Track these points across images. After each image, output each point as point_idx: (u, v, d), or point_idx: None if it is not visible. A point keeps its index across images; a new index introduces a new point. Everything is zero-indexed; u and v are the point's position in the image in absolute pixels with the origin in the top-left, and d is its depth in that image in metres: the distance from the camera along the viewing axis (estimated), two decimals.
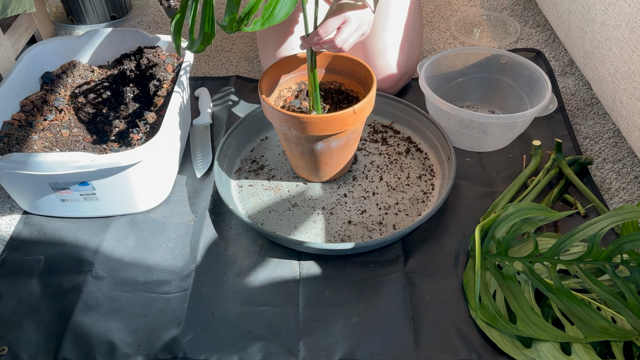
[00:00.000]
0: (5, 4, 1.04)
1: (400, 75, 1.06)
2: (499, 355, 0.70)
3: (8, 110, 0.91)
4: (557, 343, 0.67)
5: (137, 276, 0.81)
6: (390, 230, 0.85)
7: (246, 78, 1.19)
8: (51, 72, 1.01)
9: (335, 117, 0.78)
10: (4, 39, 1.14)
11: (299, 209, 0.89)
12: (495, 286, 0.75)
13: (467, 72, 1.07)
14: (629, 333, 0.66)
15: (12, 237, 0.88)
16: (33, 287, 0.80)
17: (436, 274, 0.80)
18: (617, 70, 0.93)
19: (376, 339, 0.72)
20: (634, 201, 0.89)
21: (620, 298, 0.67)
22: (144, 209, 0.90)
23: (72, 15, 1.39)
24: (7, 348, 0.73)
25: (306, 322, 0.74)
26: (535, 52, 1.21)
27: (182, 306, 0.77)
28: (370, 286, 0.78)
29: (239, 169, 0.97)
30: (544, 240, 0.78)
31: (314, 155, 0.85)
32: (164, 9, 0.91)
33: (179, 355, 0.71)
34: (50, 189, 0.83)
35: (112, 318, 0.76)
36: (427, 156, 0.97)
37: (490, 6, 1.41)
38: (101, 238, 0.86)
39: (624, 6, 0.90)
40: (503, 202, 0.86)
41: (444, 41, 1.30)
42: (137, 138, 0.89)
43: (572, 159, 0.93)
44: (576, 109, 1.07)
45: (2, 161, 0.77)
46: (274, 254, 0.83)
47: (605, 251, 0.67)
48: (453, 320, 0.74)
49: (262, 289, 0.79)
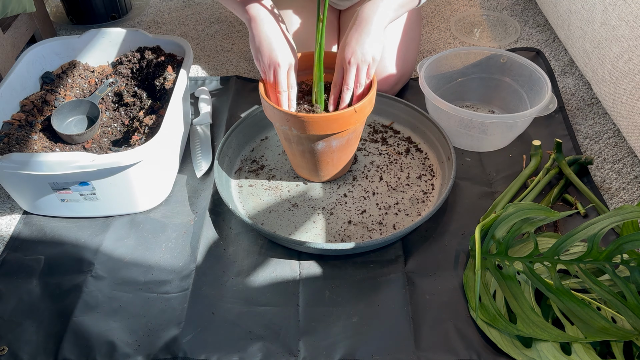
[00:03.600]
0: (5, 4, 1.04)
1: (398, 77, 1.06)
2: (499, 355, 0.70)
3: (8, 110, 0.91)
4: (557, 343, 0.67)
5: (137, 276, 0.81)
6: (390, 230, 0.85)
7: (246, 78, 1.19)
8: (51, 72, 1.01)
9: (336, 116, 0.78)
10: (4, 39, 1.14)
11: (299, 209, 0.89)
12: (495, 286, 0.75)
13: (467, 72, 1.07)
14: (629, 333, 0.66)
15: (12, 237, 0.88)
16: (33, 287, 0.80)
17: (436, 274, 0.80)
18: (617, 70, 0.93)
19: (376, 339, 0.72)
20: (634, 201, 0.89)
21: (620, 298, 0.67)
22: (144, 209, 0.90)
23: (72, 15, 1.39)
24: (7, 348, 0.73)
25: (306, 322, 0.74)
26: (535, 52, 1.21)
27: (182, 306, 0.77)
28: (370, 286, 0.78)
29: (239, 169, 0.97)
30: (544, 240, 0.78)
31: (315, 154, 0.85)
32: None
33: (179, 355, 0.71)
34: (50, 189, 0.83)
35: (112, 318, 0.76)
36: (427, 156, 0.97)
37: (490, 6, 1.41)
38: (101, 238, 0.86)
39: (624, 6, 0.90)
40: (503, 202, 0.86)
41: (444, 41, 1.30)
42: (137, 138, 0.89)
43: (572, 159, 0.93)
44: (576, 109, 1.08)
45: (2, 161, 0.77)
46: (274, 254, 0.83)
47: (605, 251, 0.67)
48: (453, 320, 0.74)
49: (262, 289, 0.79)
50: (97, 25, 1.40)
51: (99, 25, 1.40)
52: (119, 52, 1.06)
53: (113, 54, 1.06)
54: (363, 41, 0.76)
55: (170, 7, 1.48)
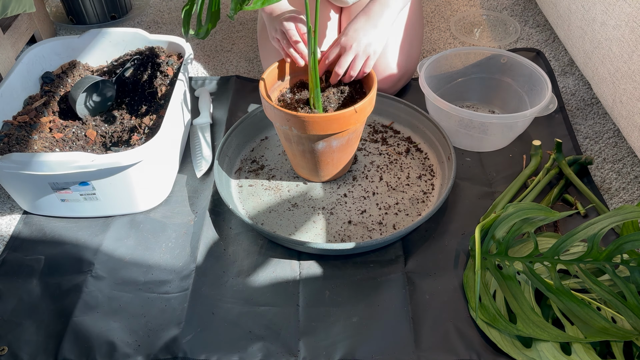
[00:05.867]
0: (5, 4, 1.04)
1: (400, 75, 1.06)
2: (499, 355, 0.70)
3: (8, 110, 0.91)
4: (557, 343, 0.67)
5: (137, 276, 0.81)
6: (390, 230, 0.85)
7: (246, 78, 1.19)
8: (51, 72, 1.01)
9: (336, 116, 0.78)
10: (4, 39, 1.14)
11: (299, 209, 0.89)
12: (495, 286, 0.75)
13: (467, 72, 1.07)
14: (629, 333, 0.66)
15: (12, 237, 0.88)
16: (33, 287, 0.80)
17: (436, 274, 0.80)
18: (617, 70, 0.93)
19: (376, 339, 0.72)
20: (634, 201, 0.89)
21: (620, 298, 0.67)
22: (144, 209, 0.90)
23: (72, 15, 1.39)
24: (7, 348, 0.73)
25: (306, 322, 0.74)
26: (535, 52, 1.21)
27: (182, 306, 0.77)
28: (370, 286, 0.78)
29: (239, 169, 0.97)
30: (544, 240, 0.78)
31: (315, 154, 0.85)
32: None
33: (179, 355, 0.71)
34: (50, 189, 0.83)
35: (112, 318, 0.76)
36: (427, 156, 0.97)
37: (490, 6, 1.41)
38: (101, 238, 0.86)
39: (624, 6, 0.90)
40: (503, 202, 0.86)
41: (444, 41, 1.30)
42: (136, 138, 0.89)
43: (572, 159, 0.93)
44: (576, 109, 1.08)
45: (3, 161, 0.77)
46: (274, 254, 0.83)
47: (605, 251, 0.67)
48: (453, 320, 0.74)
49: (262, 289, 0.79)
50: (97, 25, 1.40)
51: (99, 25, 1.40)
52: (119, 52, 1.06)
53: (113, 54, 1.06)
54: (368, 32, 0.76)
55: (170, 7, 1.48)
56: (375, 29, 0.76)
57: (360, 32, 0.76)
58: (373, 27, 0.76)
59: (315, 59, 0.77)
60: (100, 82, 0.97)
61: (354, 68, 0.78)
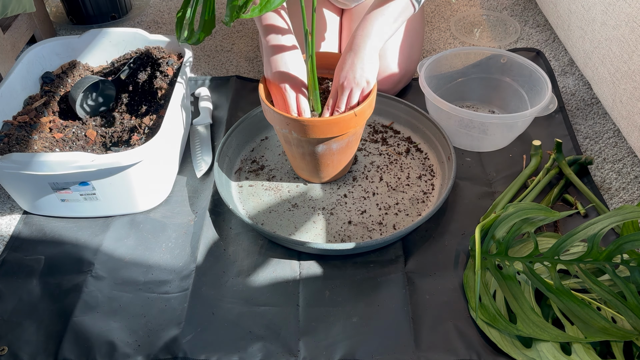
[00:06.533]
0: (5, 4, 1.04)
1: (401, 76, 1.06)
2: (499, 355, 0.70)
3: (8, 110, 0.91)
4: (557, 343, 0.67)
5: (137, 276, 0.81)
6: (390, 230, 0.85)
7: (246, 78, 1.19)
8: (51, 72, 1.01)
9: (336, 120, 0.78)
10: (4, 39, 1.14)
11: (299, 209, 0.89)
12: (495, 286, 0.75)
13: (467, 72, 1.07)
14: (629, 333, 0.66)
15: (12, 237, 0.88)
16: (33, 287, 0.80)
17: (436, 274, 0.80)
18: (617, 70, 0.93)
19: (376, 339, 0.72)
20: (634, 201, 0.89)
21: (620, 298, 0.67)
22: (144, 209, 0.90)
23: (72, 15, 1.39)
24: (7, 348, 0.73)
25: (306, 322, 0.74)
26: (535, 52, 1.21)
27: (182, 306, 0.77)
28: (370, 286, 0.78)
29: (239, 169, 0.97)
30: (544, 240, 0.78)
31: (315, 157, 0.85)
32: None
33: (179, 355, 0.71)
34: (50, 189, 0.83)
35: (112, 318, 0.76)
36: (427, 156, 0.97)
37: (490, 6, 1.41)
38: (101, 238, 0.86)
39: (624, 6, 0.90)
40: (503, 202, 0.86)
41: (444, 41, 1.30)
42: (137, 138, 0.89)
43: (572, 159, 0.93)
44: (576, 109, 1.08)
45: (3, 161, 0.77)
46: (274, 254, 0.83)
47: (605, 251, 0.67)
48: (453, 320, 0.74)
49: (262, 289, 0.79)
50: (97, 25, 1.40)
51: (99, 25, 1.40)
52: (119, 52, 1.06)
53: (113, 54, 1.06)
54: (356, 67, 0.79)
55: (170, 7, 1.48)
56: (361, 61, 0.79)
57: (350, 72, 0.79)
58: (359, 61, 0.79)
59: (313, 62, 0.77)
60: (100, 82, 0.97)
61: (351, 101, 0.81)
